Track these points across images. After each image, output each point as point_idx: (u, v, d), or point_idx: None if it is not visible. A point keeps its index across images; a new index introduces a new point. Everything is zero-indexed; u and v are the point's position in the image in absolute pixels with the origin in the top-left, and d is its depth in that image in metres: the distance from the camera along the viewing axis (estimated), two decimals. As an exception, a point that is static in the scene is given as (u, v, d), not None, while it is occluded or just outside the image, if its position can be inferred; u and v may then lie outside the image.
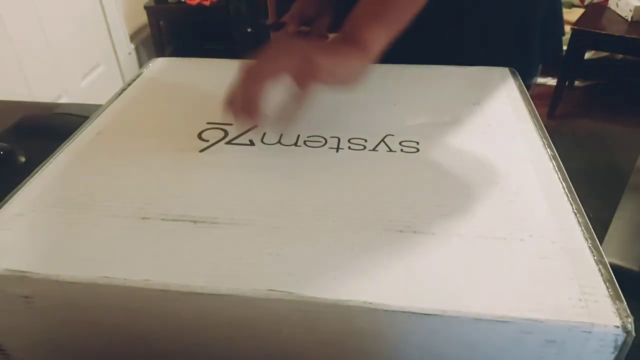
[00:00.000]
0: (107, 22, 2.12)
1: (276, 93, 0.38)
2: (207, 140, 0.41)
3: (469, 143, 0.40)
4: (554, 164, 0.37)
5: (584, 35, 1.92)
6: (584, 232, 0.31)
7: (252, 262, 0.29)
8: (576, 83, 2.28)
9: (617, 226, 0.44)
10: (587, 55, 2.18)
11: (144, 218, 0.33)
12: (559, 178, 0.35)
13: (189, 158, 0.39)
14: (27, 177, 0.37)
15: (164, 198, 0.34)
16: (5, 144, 0.51)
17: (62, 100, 1.77)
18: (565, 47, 2.01)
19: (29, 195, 0.35)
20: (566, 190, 0.34)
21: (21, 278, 0.29)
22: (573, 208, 0.33)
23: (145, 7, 2.32)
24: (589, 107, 2.20)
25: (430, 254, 0.29)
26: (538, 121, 0.43)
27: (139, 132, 0.43)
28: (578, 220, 0.32)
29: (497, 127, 0.42)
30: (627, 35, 1.85)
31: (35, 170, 0.38)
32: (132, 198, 0.35)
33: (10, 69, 1.56)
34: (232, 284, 0.28)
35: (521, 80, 0.51)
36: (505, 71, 0.53)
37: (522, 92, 0.48)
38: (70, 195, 0.35)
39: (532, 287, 0.27)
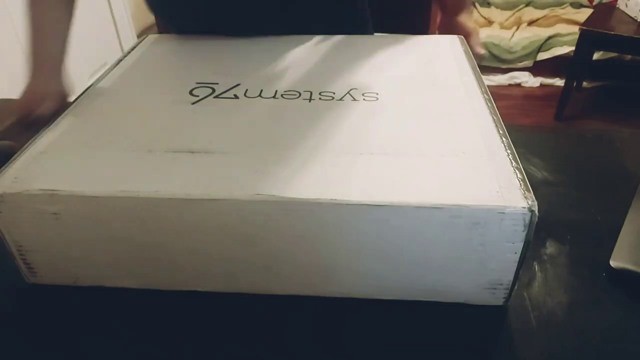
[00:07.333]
0: (114, 21, 2.13)
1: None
2: (198, 96, 0.48)
3: (420, 91, 0.48)
4: (489, 104, 0.45)
5: (592, 35, 1.86)
6: (505, 148, 0.39)
7: (241, 177, 0.36)
8: (584, 84, 2.23)
9: (628, 230, 0.43)
10: (596, 55, 2.12)
11: (149, 151, 0.39)
12: (490, 112, 0.43)
13: (183, 108, 0.46)
14: (43, 128, 0.43)
15: (165, 136, 0.41)
16: (13, 142, 0.55)
17: (70, 99, 1.78)
18: (573, 48, 2.00)
19: (48, 139, 0.42)
20: (495, 120, 0.42)
21: (51, 195, 0.35)
22: (499, 131, 0.41)
23: (153, 7, 2.34)
24: (597, 108, 2.12)
25: (383, 167, 0.37)
26: (478, 75, 0.51)
27: (136, 91, 0.49)
28: (502, 140, 0.40)
29: (444, 79, 0.50)
30: (636, 36, 1.79)
31: (48, 124, 0.44)
32: (137, 138, 0.41)
33: (18, 67, 1.57)
34: (225, 192, 0.35)
35: (467, 46, 0.59)
36: (454, 39, 0.61)
37: (467, 53, 0.56)
38: (83, 138, 0.42)
39: (462, 186, 0.35)
